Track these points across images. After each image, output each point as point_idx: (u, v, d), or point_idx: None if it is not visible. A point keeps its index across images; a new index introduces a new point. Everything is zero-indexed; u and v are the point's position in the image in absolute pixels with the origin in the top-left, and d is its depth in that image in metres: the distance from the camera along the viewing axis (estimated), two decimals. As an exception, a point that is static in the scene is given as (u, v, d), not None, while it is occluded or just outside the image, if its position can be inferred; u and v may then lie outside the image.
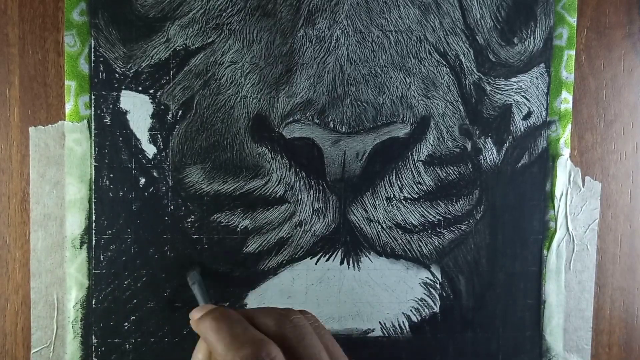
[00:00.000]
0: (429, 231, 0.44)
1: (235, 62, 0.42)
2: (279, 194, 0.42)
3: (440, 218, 0.44)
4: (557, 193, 0.45)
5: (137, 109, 0.42)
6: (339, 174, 0.42)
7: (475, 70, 0.43)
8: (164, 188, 0.42)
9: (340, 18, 0.42)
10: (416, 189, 0.43)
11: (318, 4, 0.42)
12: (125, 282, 0.42)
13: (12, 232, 0.42)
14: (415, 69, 0.43)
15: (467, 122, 0.44)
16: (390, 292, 0.44)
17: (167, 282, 0.42)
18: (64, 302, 0.42)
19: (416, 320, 0.45)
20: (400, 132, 0.43)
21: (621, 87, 0.46)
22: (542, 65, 0.44)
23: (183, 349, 0.43)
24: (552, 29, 0.44)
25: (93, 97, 0.41)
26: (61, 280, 0.42)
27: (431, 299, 0.45)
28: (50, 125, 0.41)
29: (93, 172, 0.42)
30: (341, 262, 0.44)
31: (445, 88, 0.43)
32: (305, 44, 0.42)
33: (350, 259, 0.44)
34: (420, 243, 0.44)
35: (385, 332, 0.45)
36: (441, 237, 0.44)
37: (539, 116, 0.45)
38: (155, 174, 0.42)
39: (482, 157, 0.44)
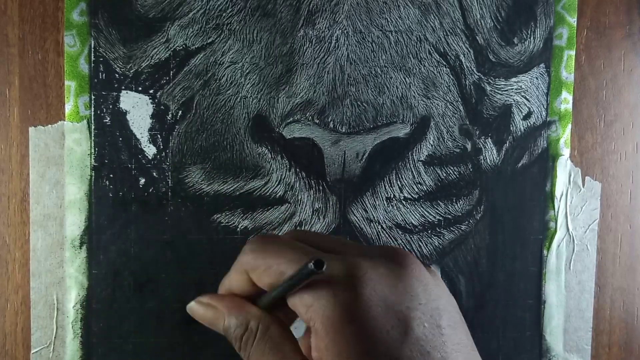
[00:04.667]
0: (429, 231, 0.44)
1: (235, 62, 0.42)
2: (279, 194, 0.42)
3: (440, 218, 0.44)
4: (557, 193, 0.45)
5: (137, 109, 0.42)
6: (339, 174, 0.42)
7: (475, 70, 0.43)
8: (164, 188, 0.42)
9: (340, 18, 0.42)
10: (416, 189, 0.43)
11: (318, 4, 0.42)
12: (125, 283, 0.42)
13: (11, 232, 0.42)
14: (415, 69, 0.43)
15: (467, 122, 0.44)
16: (390, 292, 0.44)
17: (167, 283, 0.42)
18: (64, 302, 0.42)
19: (416, 321, 0.45)
20: (400, 133, 0.43)
21: (621, 87, 0.46)
22: (542, 65, 0.44)
23: (183, 349, 0.43)
24: (552, 29, 0.44)
25: (93, 97, 0.41)
26: (61, 280, 0.42)
27: (431, 299, 0.45)
28: (50, 126, 0.41)
29: (93, 172, 0.42)
30: (341, 262, 0.43)
31: (445, 88, 0.43)
32: (305, 44, 0.42)
33: (350, 259, 0.43)
34: (420, 243, 0.44)
35: (385, 332, 0.45)
36: (441, 237, 0.44)
37: (539, 116, 0.45)
38: (155, 174, 0.42)
39: (482, 157, 0.44)
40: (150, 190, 0.42)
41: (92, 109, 0.41)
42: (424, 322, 0.24)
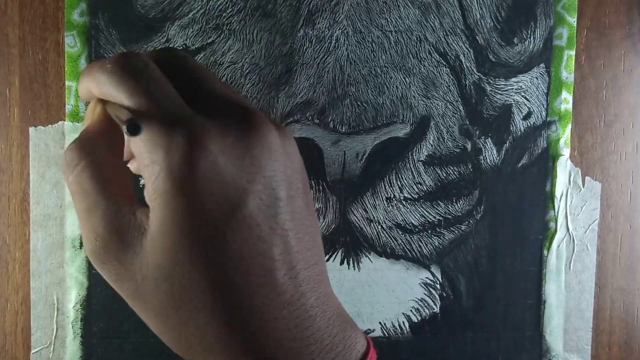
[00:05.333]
0: (429, 231, 0.44)
1: (235, 62, 0.42)
2: (279, 194, 0.42)
3: (440, 218, 0.44)
4: (557, 193, 0.45)
5: (137, 109, 0.42)
6: (339, 174, 0.42)
7: (475, 70, 0.44)
8: (164, 188, 0.42)
9: (340, 18, 0.42)
10: (416, 189, 0.43)
11: (318, 4, 0.42)
12: (125, 283, 0.42)
13: (12, 232, 0.42)
14: (415, 69, 0.43)
15: (467, 123, 0.44)
16: (390, 293, 0.44)
17: (167, 283, 0.42)
18: (64, 302, 0.42)
19: (416, 321, 0.45)
20: (400, 133, 0.43)
21: (621, 87, 0.46)
22: (542, 65, 0.44)
23: (183, 349, 0.43)
24: (552, 29, 0.44)
25: (93, 97, 0.41)
26: (61, 280, 0.42)
27: (431, 299, 0.45)
28: (50, 126, 0.41)
29: (93, 172, 0.42)
30: (341, 263, 0.44)
31: (445, 88, 0.43)
32: (305, 44, 0.42)
33: (351, 259, 0.44)
34: (420, 243, 0.44)
35: (386, 333, 0.45)
36: (441, 237, 0.44)
37: (539, 116, 0.45)
38: (155, 174, 0.42)
39: (482, 157, 0.44)
40: (151, 190, 0.42)
41: (92, 109, 0.41)
42: (262, 194, 0.23)
